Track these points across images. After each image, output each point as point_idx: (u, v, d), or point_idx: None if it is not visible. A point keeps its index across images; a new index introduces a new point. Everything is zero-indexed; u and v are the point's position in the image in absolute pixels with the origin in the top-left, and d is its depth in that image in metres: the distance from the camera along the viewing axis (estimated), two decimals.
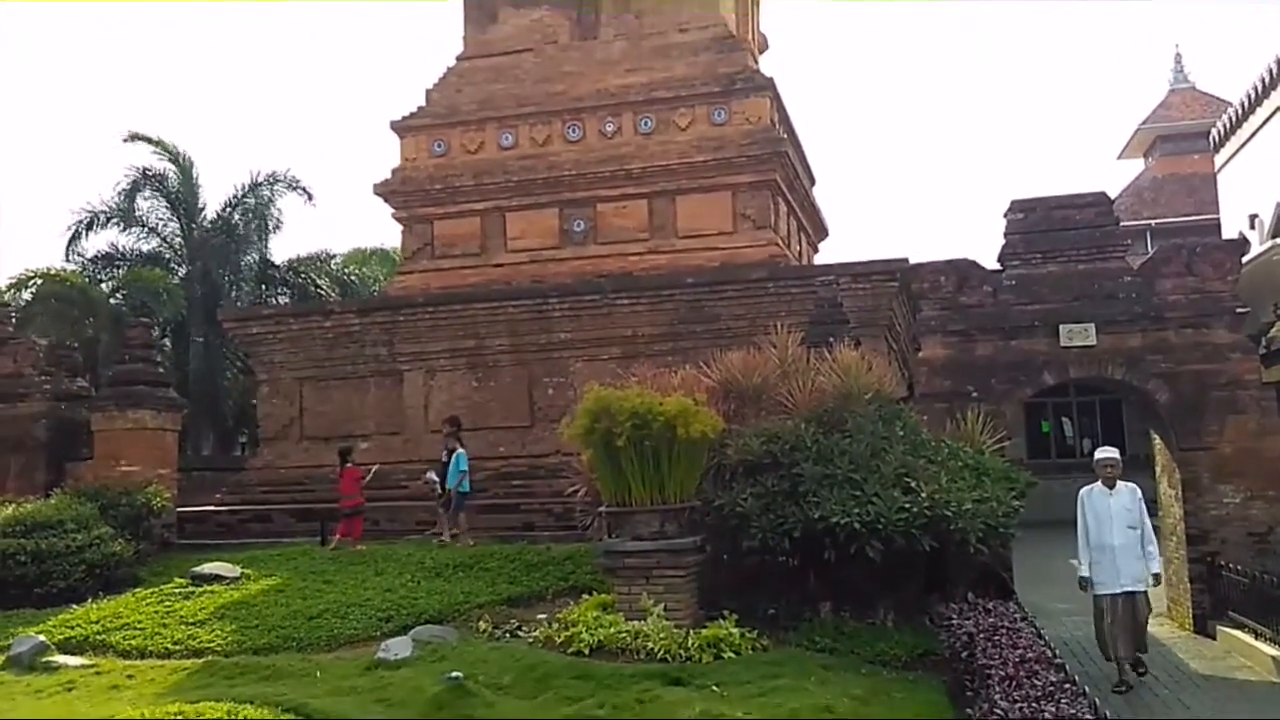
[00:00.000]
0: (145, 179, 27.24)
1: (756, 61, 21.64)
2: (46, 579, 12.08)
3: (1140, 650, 9.11)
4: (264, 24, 73.23)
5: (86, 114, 68.51)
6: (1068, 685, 6.24)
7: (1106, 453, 9.52)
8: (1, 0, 57.00)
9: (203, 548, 14.66)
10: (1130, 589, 8.97)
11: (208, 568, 12.24)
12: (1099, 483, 9.36)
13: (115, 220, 27.00)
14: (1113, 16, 73.32)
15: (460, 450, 14.07)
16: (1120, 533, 9.03)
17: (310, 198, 28.28)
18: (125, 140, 27.19)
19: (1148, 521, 9.21)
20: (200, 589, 11.67)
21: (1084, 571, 9.21)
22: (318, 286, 28.26)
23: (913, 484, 8.93)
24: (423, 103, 20.65)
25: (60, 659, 9.42)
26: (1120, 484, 9.29)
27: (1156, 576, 9.26)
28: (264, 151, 72.93)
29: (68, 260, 26.83)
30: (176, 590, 11.72)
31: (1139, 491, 9.35)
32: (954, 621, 8.08)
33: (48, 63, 70.23)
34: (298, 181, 28.41)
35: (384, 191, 20.16)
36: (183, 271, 27.56)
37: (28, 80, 69.59)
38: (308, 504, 15.92)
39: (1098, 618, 9.11)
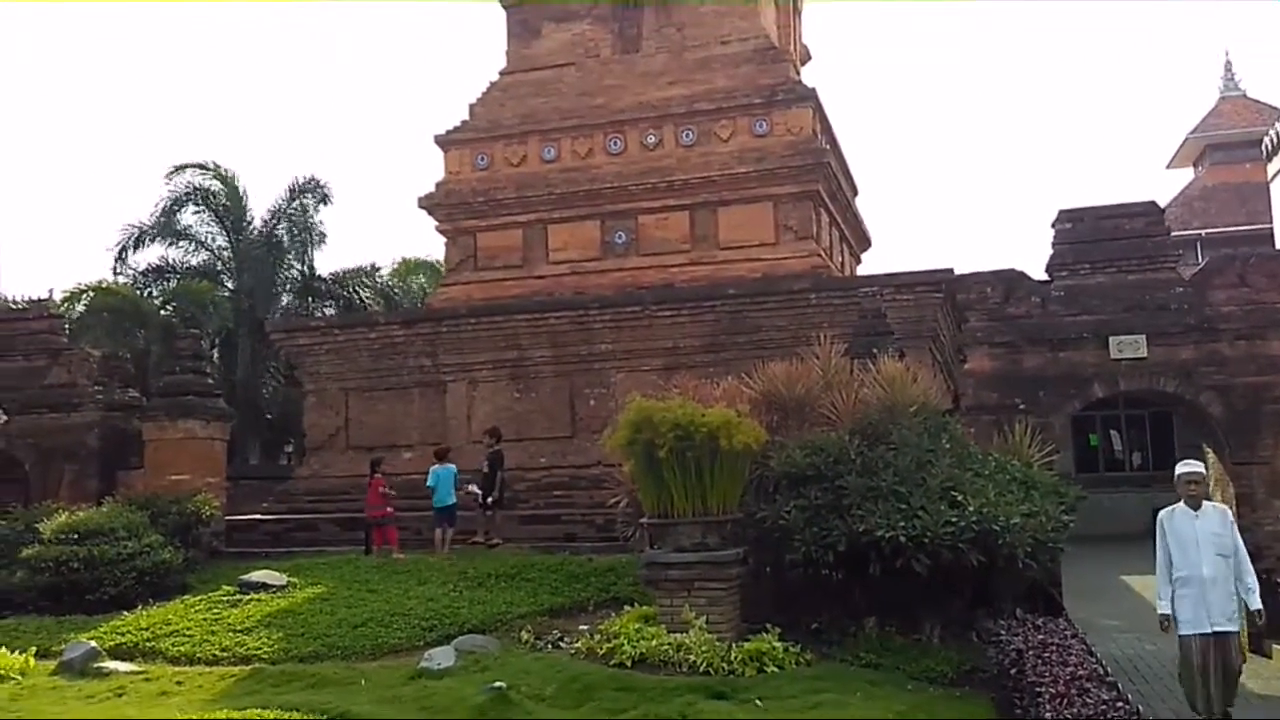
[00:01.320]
0: (193, 195, 27.79)
1: (798, 73, 21.60)
2: (98, 585, 12.30)
3: (1228, 704, 7.66)
4: (312, 42, 74.40)
5: (138, 127, 70.03)
6: (1120, 704, 6.13)
7: (1190, 468, 7.94)
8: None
9: (250, 556, 14.85)
10: (1222, 629, 7.54)
11: (255, 576, 12.38)
12: (1181, 503, 7.80)
13: (164, 235, 27.55)
14: (1162, 22, 72.29)
15: (450, 467, 14.58)
16: (1209, 562, 7.56)
17: (327, 200, 28.51)
18: (170, 173, 27.73)
19: (1243, 548, 7.77)
20: (248, 597, 11.82)
21: (1164, 608, 7.66)
22: (363, 298, 28.60)
23: (960, 497, 8.82)
24: (466, 117, 20.85)
25: (111, 665, 9.60)
26: (1207, 504, 7.85)
27: (1258, 613, 7.67)
28: (311, 166, 74.02)
29: (118, 274, 27.42)
30: (224, 598, 11.88)
31: (1230, 513, 7.95)
32: (1002, 637, 7.96)
33: (98, 76, 71.97)
34: (321, 185, 28.67)
35: (428, 205, 20.36)
36: (230, 284, 28.05)
37: (78, 94, 71.32)
38: (353, 513, 16.08)
39: (1184, 663, 7.64)
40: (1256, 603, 7.67)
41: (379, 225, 64.11)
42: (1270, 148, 24.84)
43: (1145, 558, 13.78)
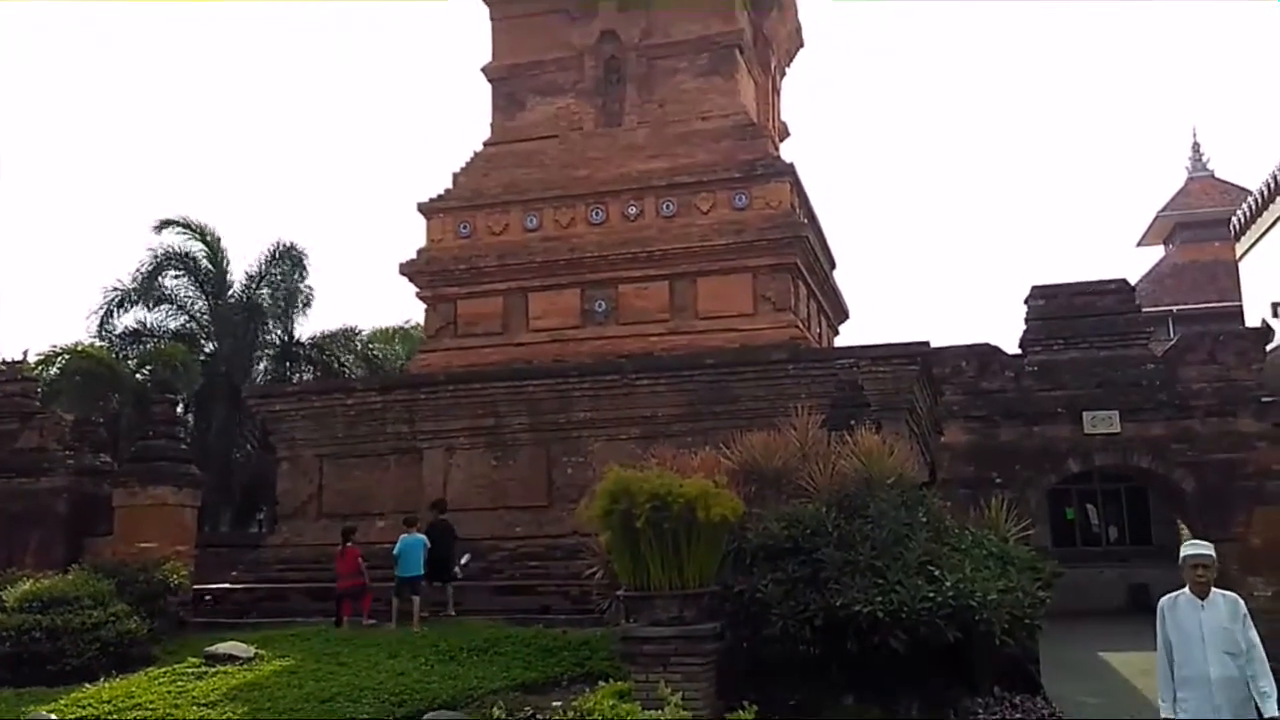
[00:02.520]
0: (174, 259, 27.78)
1: (777, 148, 22.00)
2: (60, 656, 12.00)
3: None
4: (297, 106, 75.28)
5: (118, 187, 70.22)
6: None
7: (1197, 549, 6.83)
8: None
9: (218, 626, 14.55)
10: None
11: (222, 647, 12.12)
12: (1186, 589, 6.74)
13: (144, 299, 27.45)
14: (1130, 102, 74.34)
15: (419, 536, 14.54)
16: (1217, 660, 6.52)
17: (304, 266, 28.50)
18: (156, 228, 27.74)
19: (1258, 644, 6.63)
20: (214, 669, 11.55)
21: (1167, 711, 6.65)
22: (341, 363, 28.49)
23: (936, 572, 8.80)
24: (449, 185, 21.07)
25: None
26: (1216, 593, 6.72)
27: None
28: (292, 227, 74.32)
29: (100, 338, 27.24)
30: (190, 670, 11.60)
31: (1242, 604, 6.78)
32: (979, 716, 7.89)
33: (80, 139, 72.33)
34: (300, 251, 28.68)
35: (409, 271, 20.44)
36: (208, 348, 27.90)
37: (59, 155, 71.60)
38: (324, 583, 15.82)
39: None
40: (1273, 709, 6.48)
41: (359, 288, 64.21)
42: (1238, 228, 25.43)
43: (1124, 634, 13.77)
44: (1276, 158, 22.18)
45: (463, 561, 14.68)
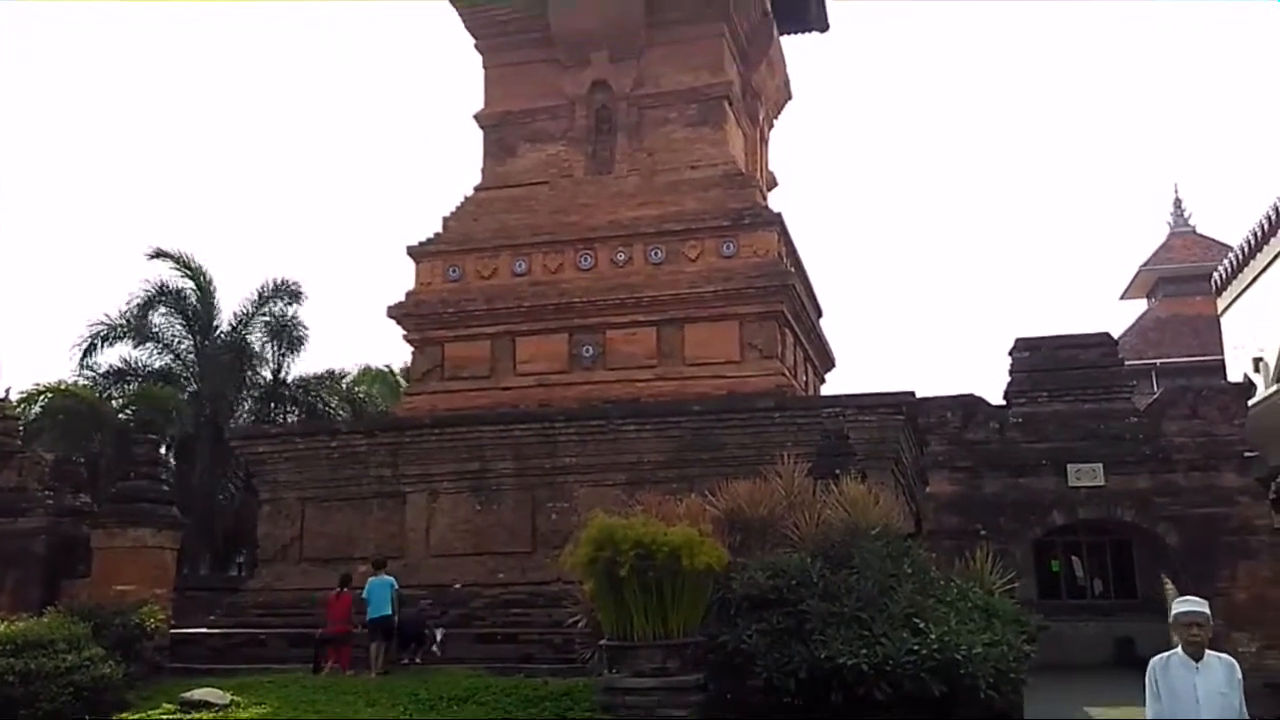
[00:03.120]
0: (163, 296, 27.66)
1: (765, 198, 22.23)
2: (33, 701, 11.73)
3: None
4: (291, 145, 75.64)
5: (110, 218, 70.17)
6: None
7: (1191, 606, 6.24)
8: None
9: (195, 672, 14.30)
10: None
11: (197, 694, 11.89)
12: (1179, 649, 6.19)
13: (131, 335, 27.29)
14: (1113, 156, 75.45)
15: (388, 578, 14.51)
16: None
17: (298, 299, 28.33)
18: (149, 257, 27.67)
19: (1245, 715, 6.14)
20: (189, 716, 11.32)
21: None
22: (327, 405, 28.37)
23: (922, 625, 8.76)
24: (439, 229, 21.16)
25: None
26: (1211, 654, 6.18)
27: None
28: (278, 263, 74.30)
29: (82, 375, 27.05)
30: (164, 717, 11.38)
31: (1238, 669, 6.21)
32: None
33: (68, 172, 72.40)
34: (294, 287, 28.55)
35: (397, 314, 20.46)
36: (193, 388, 27.72)
37: (47, 188, 71.59)
38: (303, 629, 15.63)
39: None
40: None
41: (345, 329, 64.08)
42: (1219, 283, 25.71)
43: (1110, 689, 13.69)
44: (1256, 215, 22.50)
45: (438, 638, 14.65)
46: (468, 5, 21.95)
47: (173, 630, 15.85)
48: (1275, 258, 21.92)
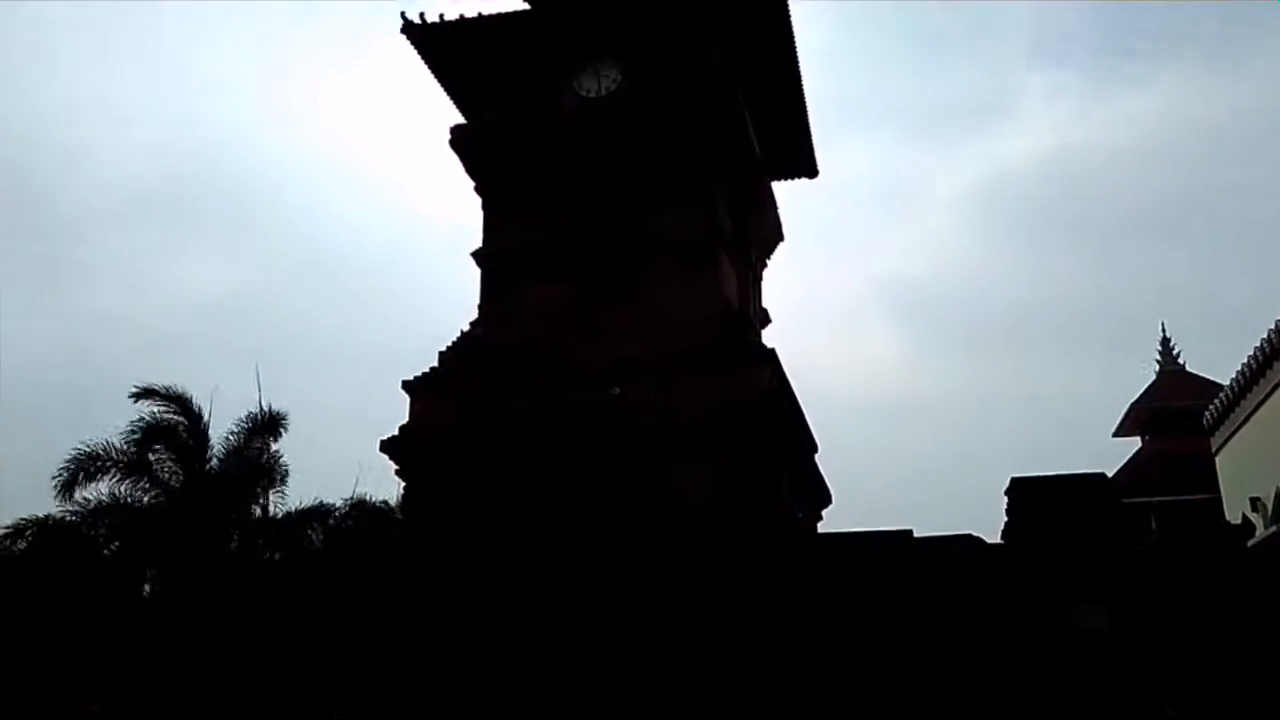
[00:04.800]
0: (153, 432, 27.30)
1: (759, 335, 22.51)
2: None
3: None
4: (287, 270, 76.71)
5: (98, 353, 70.36)
6: None
7: None
8: None
9: None
10: None
11: None
12: None
13: (115, 468, 26.86)
14: (1100, 293, 76.75)
15: None
16: None
17: (276, 431, 27.83)
18: (134, 398, 27.12)
19: None
20: None
21: None
22: (314, 541, 27.84)
23: None
24: (434, 364, 21.30)
25: None
26: None
27: None
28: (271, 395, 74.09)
29: (61, 509, 26.45)
30: None
31: None
32: None
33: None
34: (280, 419, 28.22)
35: (391, 448, 20.39)
36: (181, 523, 27.18)
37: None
38: None
39: None
40: None
41: (333, 459, 63.56)
42: (1210, 421, 25.83)
43: None
44: (1243, 354, 22.83)
45: None
46: (468, 149, 22.72)
47: None
48: (1266, 397, 22.10)
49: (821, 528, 23.49)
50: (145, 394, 27.34)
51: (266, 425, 27.93)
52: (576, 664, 16.55)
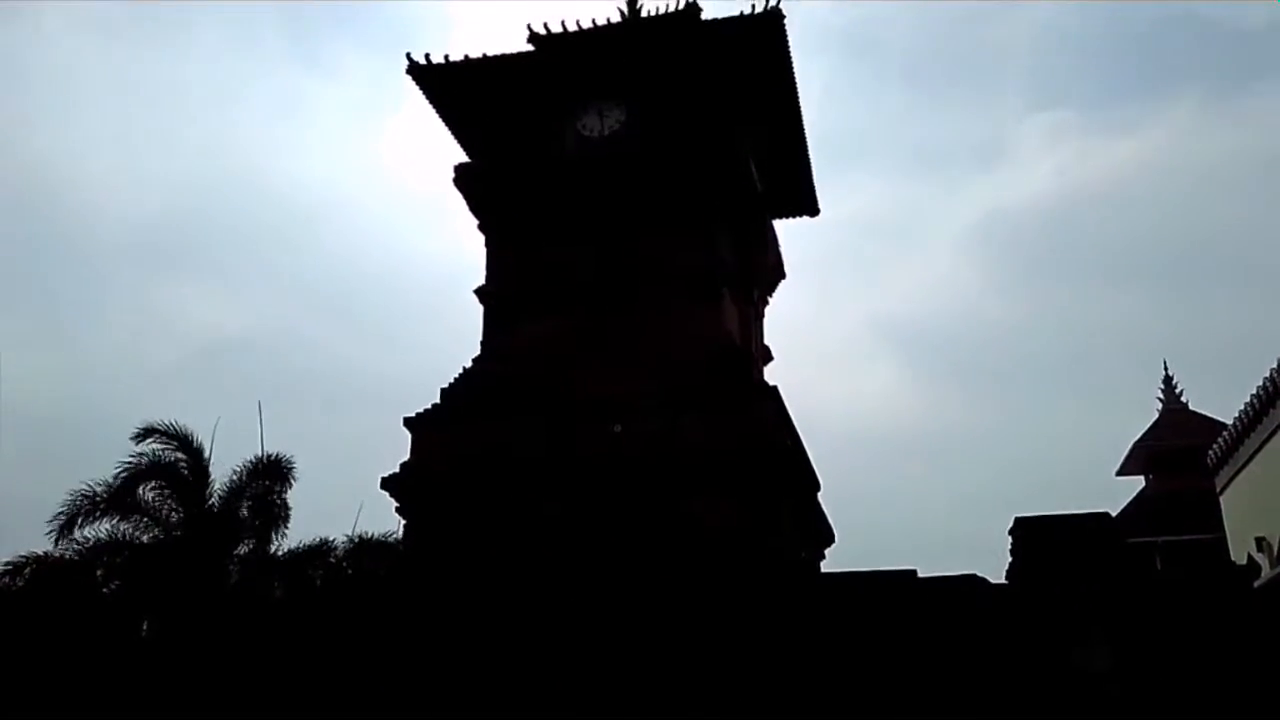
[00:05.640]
0: (154, 470, 27.19)
1: (761, 372, 22.53)
2: None
3: None
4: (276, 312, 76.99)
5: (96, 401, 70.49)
6: None
7: None
8: None
9: None
10: None
11: None
12: None
13: (115, 508, 26.71)
14: (1104, 332, 76.82)
15: None
16: None
17: (287, 479, 27.59)
18: (135, 439, 26.95)
19: None
20: None
21: None
22: (315, 581, 27.65)
23: None
24: (436, 400, 21.30)
25: None
26: None
27: None
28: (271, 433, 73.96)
29: (57, 544, 26.28)
30: None
31: None
32: None
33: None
34: (286, 464, 28.05)
35: (392, 486, 20.36)
36: (179, 561, 27.02)
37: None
38: None
39: None
40: None
41: (336, 494, 63.37)
42: (1214, 460, 25.74)
43: None
44: (1245, 393, 22.83)
45: None
46: (472, 188, 22.89)
47: None
48: (1269, 437, 22.03)
49: (825, 566, 23.35)
50: (146, 433, 27.17)
51: (272, 469, 27.78)
52: (577, 703, 16.39)
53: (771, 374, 24.59)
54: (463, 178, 23.09)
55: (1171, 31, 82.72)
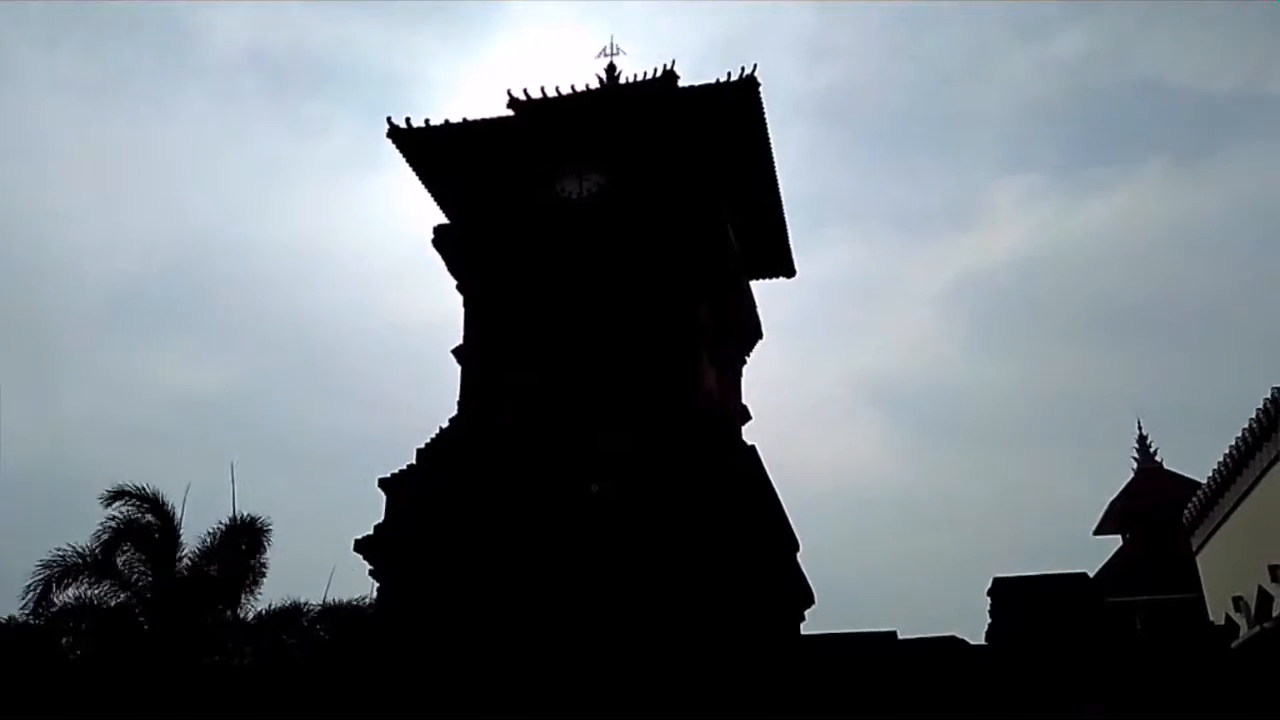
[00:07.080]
0: (125, 533, 26.75)
1: (739, 432, 22.52)
2: None
3: None
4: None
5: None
6: None
7: None
8: None
9: None
10: None
11: None
12: None
13: (86, 573, 26.20)
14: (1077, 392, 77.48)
15: None
16: None
17: (260, 545, 27.16)
18: (105, 502, 26.51)
19: None
20: None
21: None
22: (287, 644, 27.10)
23: None
24: (412, 460, 21.13)
25: None
26: None
27: None
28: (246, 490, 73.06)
29: (35, 616, 25.72)
30: None
31: None
32: None
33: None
34: (260, 526, 27.62)
35: (365, 549, 20.07)
36: (149, 626, 26.46)
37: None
38: None
39: None
40: None
41: (309, 556, 62.41)
42: (1190, 519, 25.88)
43: None
44: (1218, 452, 23.04)
45: None
46: (450, 249, 22.99)
47: None
48: (1243, 497, 22.21)
49: (805, 627, 23.14)
50: (117, 496, 26.79)
51: (246, 530, 27.38)
52: None
53: (750, 433, 24.63)
54: (441, 239, 23.19)
55: (1140, 98, 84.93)
